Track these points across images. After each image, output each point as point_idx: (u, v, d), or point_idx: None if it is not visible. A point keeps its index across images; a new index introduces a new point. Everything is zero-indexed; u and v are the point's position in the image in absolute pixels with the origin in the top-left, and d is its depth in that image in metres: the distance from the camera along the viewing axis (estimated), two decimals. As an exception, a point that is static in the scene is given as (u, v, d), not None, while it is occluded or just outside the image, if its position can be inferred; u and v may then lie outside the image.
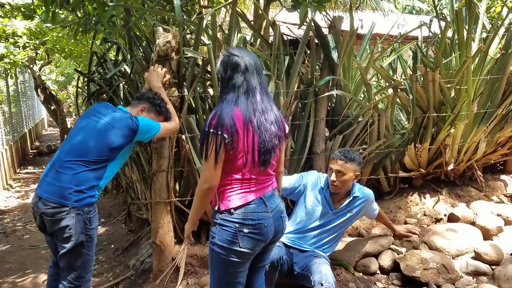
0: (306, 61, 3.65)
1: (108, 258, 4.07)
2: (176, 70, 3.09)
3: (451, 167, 3.75)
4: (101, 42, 4.13)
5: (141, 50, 3.44)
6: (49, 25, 6.74)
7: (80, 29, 4.40)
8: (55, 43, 7.34)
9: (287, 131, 2.15)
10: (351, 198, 2.90)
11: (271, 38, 3.60)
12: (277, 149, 2.06)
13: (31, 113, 13.17)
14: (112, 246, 4.36)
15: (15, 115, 9.98)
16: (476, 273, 3.06)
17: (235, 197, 1.97)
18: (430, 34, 4.28)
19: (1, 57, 7.75)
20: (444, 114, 3.61)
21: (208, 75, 3.32)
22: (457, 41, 3.75)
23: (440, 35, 3.63)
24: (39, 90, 10.08)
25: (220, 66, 2.03)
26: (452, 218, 3.64)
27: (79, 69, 8.05)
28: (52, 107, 10.00)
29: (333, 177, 2.82)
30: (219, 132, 1.86)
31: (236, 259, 1.98)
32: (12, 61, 7.28)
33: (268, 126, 1.97)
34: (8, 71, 8.97)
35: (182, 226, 3.48)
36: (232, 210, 1.95)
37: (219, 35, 3.15)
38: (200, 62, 3.29)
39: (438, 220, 3.70)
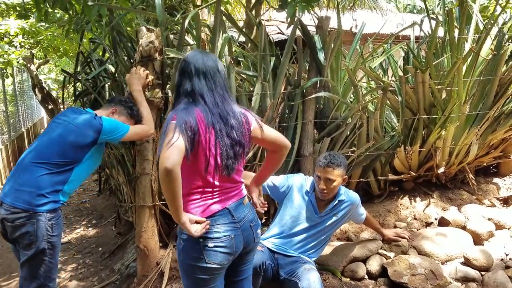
0: (293, 62, 3.60)
1: (94, 262, 4.02)
2: (160, 71, 3.03)
3: (442, 170, 3.68)
4: (88, 43, 4.08)
5: (125, 50, 3.38)
6: (43, 24, 6.70)
7: (72, 29, 4.37)
8: (50, 42, 7.30)
9: (252, 126, 1.97)
10: (336, 201, 2.84)
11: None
12: (241, 156, 1.94)
13: (29, 113, 13.15)
14: (100, 249, 4.31)
15: (12, 114, 9.96)
16: (465, 279, 2.99)
17: (197, 209, 1.85)
18: (423, 34, 4.21)
19: (-5, 57, 7.76)
20: (434, 116, 3.55)
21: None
22: (448, 42, 3.68)
23: (430, 35, 3.57)
24: (36, 90, 10.06)
25: (178, 69, 1.95)
26: (443, 222, 3.57)
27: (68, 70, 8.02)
28: (50, 107, 9.96)
29: (321, 185, 2.74)
30: (183, 125, 1.73)
31: (204, 276, 1.87)
32: (6, 60, 7.26)
33: (229, 131, 1.86)
34: (4, 71, 8.95)
35: (168, 230, 3.45)
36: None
37: (203, 35, 3.09)
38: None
39: (428, 224, 3.63)
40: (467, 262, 3.08)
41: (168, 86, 3.13)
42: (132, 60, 3.26)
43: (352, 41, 3.95)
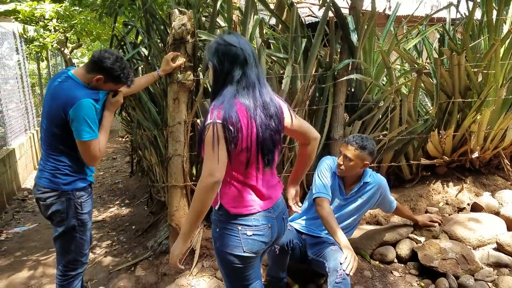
0: (325, 45, 3.56)
1: (128, 239, 4.15)
2: (192, 53, 3.06)
3: (476, 155, 3.60)
4: (122, 26, 4.15)
5: (158, 33, 3.42)
6: (77, 8, 6.83)
7: (105, 12, 4.44)
8: (83, 26, 7.45)
9: (285, 119, 1.92)
10: (362, 183, 2.83)
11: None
12: (278, 145, 1.89)
13: (63, 96, 13.46)
14: (133, 227, 4.43)
15: (46, 97, 10.23)
16: (497, 265, 2.96)
17: (238, 202, 1.83)
18: (458, 16, 4.08)
19: (31, 40, 7.96)
20: (470, 99, 3.46)
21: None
22: (486, 23, 3.56)
23: (467, 17, 3.46)
24: (70, 73, 10.28)
25: (214, 55, 1.78)
26: (476, 208, 3.51)
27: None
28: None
29: (340, 160, 2.77)
30: (225, 123, 1.67)
31: (240, 265, 1.86)
32: (41, 44, 7.46)
33: (268, 122, 1.78)
34: (39, 54, 9.20)
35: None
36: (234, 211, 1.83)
37: (234, 17, 3.10)
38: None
39: (460, 210, 3.58)
40: (499, 248, 3.04)
41: (199, 68, 3.16)
42: (164, 43, 3.30)
43: (384, 24, 3.88)
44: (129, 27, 3.93)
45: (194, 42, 3.01)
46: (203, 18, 3.10)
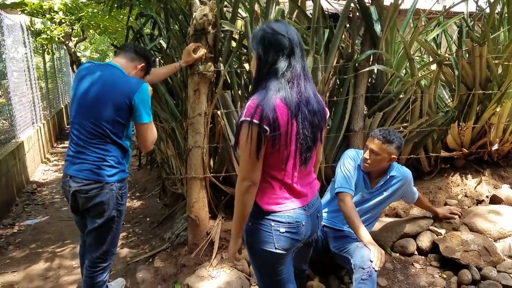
0: (346, 35, 3.53)
1: (144, 231, 4.14)
2: (213, 44, 3.03)
3: (495, 147, 3.59)
4: (136, 17, 4.11)
5: (178, 24, 3.39)
6: (84, 0, 6.79)
7: (115, 5, 4.40)
8: (90, 19, 7.40)
9: (327, 116, 1.90)
10: (388, 177, 2.80)
11: (310, 11, 3.47)
12: (319, 141, 1.85)
13: (67, 89, 13.45)
14: (148, 219, 4.43)
15: (51, 90, 10.22)
16: (519, 257, 2.96)
17: (274, 200, 1.78)
18: (477, 9, 4.05)
19: (39, 33, 7.92)
20: (490, 91, 3.45)
21: (244, 50, 3.26)
22: (506, 15, 3.53)
23: (487, 8, 3.43)
24: (74, 66, 10.26)
25: (259, 43, 1.70)
26: (495, 200, 3.51)
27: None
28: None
29: (366, 155, 2.72)
30: (261, 123, 1.61)
31: (271, 261, 1.84)
32: (49, 36, 7.42)
33: (311, 118, 1.73)
34: (45, 47, 9.15)
35: (217, 202, 3.50)
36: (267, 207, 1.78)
37: (256, 7, 3.07)
38: (237, 36, 3.22)
39: (479, 202, 3.58)
40: (521, 240, 3.04)
41: (220, 59, 3.14)
42: (185, 34, 3.27)
43: (402, 19, 3.85)
44: (145, 18, 3.89)
45: (216, 33, 2.99)
46: (224, 9, 3.06)
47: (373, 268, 2.37)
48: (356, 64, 3.31)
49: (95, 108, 2.33)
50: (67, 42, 9.66)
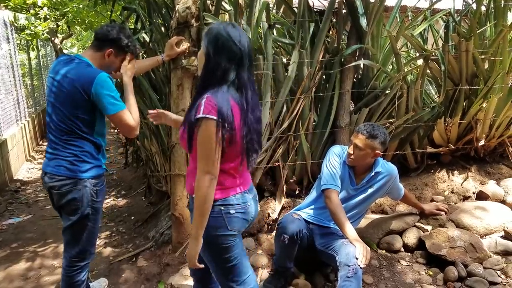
0: (332, 29, 3.49)
1: (128, 230, 4.07)
2: (196, 38, 2.97)
3: (482, 143, 3.57)
4: (121, 11, 4.03)
5: (160, 17, 3.32)
6: (69, -4, 6.69)
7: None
8: (75, 15, 7.29)
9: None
10: (373, 173, 2.77)
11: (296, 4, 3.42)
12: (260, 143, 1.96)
13: (53, 87, 13.23)
14: (132, 217, 4.35)
15: (37, 88, 10.05)
16: (505, 253, 2.94)
17: (222, 192, 1.84)
18: (463, 5, 4.03)
19: (22, 29, 7.78)
20: (476, 87, 3.43)
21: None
22: (493, 10, 3.52)
23: (474, 3, 3.41)
24: (60, 63, 10.09)
25: (211, 42, 1.72)
26: (481, 196, 3.49)
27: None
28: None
29: (350, 149, 2.70)
30: (222, 121, 1.67)
31: (226, 244, 1.88)
32: (33, 32, 7.29)
33: (256, 126, 1.83)
34: (29, 43, 9.00)
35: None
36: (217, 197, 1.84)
37: (240, 0, 3.01)
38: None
39: (466, 198, 3.56)
40: (507, 236, 3.02)
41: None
42: (168, 27, 3.21)
43: (388, 14, 3.82)
44: (128, 12, 3.81)
45: (199, 26, 2.93)
46: (208, 1, 3.00)
47: (359, 265, 2.35)
48: (342, 59, 3.26)
49: (59, 105, 2.27)
50: (53, 38, 9.52)
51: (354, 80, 3.43)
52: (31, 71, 9.51)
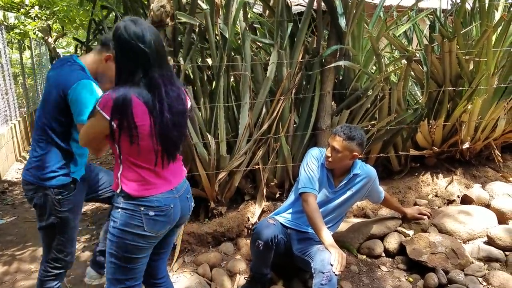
0: (312, 29, 3.42)
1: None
2: (172, 38, 2.91)
3: (466, 145, 3.50)
4: (99, 9, 3.96)
5: (136, 15, 3.25)
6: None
7: (85, -3, 4.27)
8: (65, 13, 7.21)
9: (188, 107, 1.93)
10: (351, 175, 2.71)
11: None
12: (184, 137, 1.93)
13: (48, 86, 13.17)
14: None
15: (30, 87, 9.98)
16: (488, 259, 2.87)
17: (138, 186, 1.80)
18: (450, 4, 3.96)
19: (12, 28, 7.72)
20: (461, 88, 3.36)
21: (206, 43, 3.13)
22: (478, 9, 3.44)
23: (459, 2, 3.34)
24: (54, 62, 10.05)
25: (115, 42, 1.68)
26: (466, 200, 3.42)
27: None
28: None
29: (328, 152, 2.64)
30: (110, 118, 1.66)
31: (139, 244, 1.83)
32: (22, 31, 7.23)
33: (176, 120, 1.78)
34: (22, 43, 8.94)
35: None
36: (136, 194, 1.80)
37: (217, -1, 2.95)
38: (197, 29, 3.09)
39: (450, 202, 3.49)
40: (490, 241, 2.96)
41: (180, 54, 3.01)
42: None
43: (372, 13, 3.75)
44: (107, 10, 3.74)
45: (174, 25, 2.86)
46: (184, 0, 2.93)
47: (334, 272, 2.28)
48: (323, 60, 3.19)
49: (42, 105, 2.20)
50: (46, 37, 9.45)
51: (336, 81, 3.36)
52: (23, 70, 9.44)
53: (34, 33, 8.08)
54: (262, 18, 3.40)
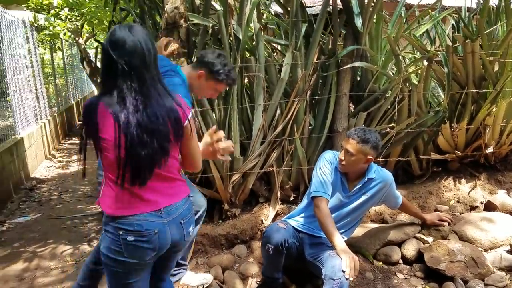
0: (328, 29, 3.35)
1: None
2: (186, 39, 2.90)
3: (491, 149, 3.35)
4: (119, 12, 4.01)
5: (151, 17, 3.27)
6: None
7: (109, -1, 4.32)
8: (93, 14, 7.34)
9: (185, 124, 1.65)
10: (366, 179, 2.63)
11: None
12: (160, 164, 1.62)
13: (79, 86, 13.52)
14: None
15: (62, 87, 10.25)
16: (510, 269, 2.76)
17: (113, 205, 1.64)
18: (476, 2, 3.81)
19: (42, 29, 7.93)
20: (485, 90, 3.22)
21: (220, 44, 3.12)
22: (504, 8, 3.29)
23: (483, 1, 3.20)
24: (85, 63, 10.27)
25: (102, 50, 1.61)
26: (489, 206, 3.28)
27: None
28: (98, 80, 10.17)
29: (341, 155, 2.57)
30: (84, 124, 1.60)
31: (123, 271, 1.68)
32: (51, 32, 7.41)
33: (146, 139, 1.55)
34: (53, 44, 9.18)
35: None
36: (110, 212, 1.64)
37: (230, 0, 2.92)
38: (211, 30, 3.07)
39: (473, 208, 3.36)
40: (514, 250, 2.82)
41: (194, 54, 3.01)
42: (158, 28, 3.16)
43: (393, 12, 3.64)
44: (126, 12, 3.78)
45: (188, 26, 2.86)
46: (197, 1, 2.93)
47: (346, 278, 2.22)
48: (339, 61, 3.12)
49: None
50: (77, 38, 9.67)
51: (353, 82, 3.28)
52: (54, 71, 9.70)
53: (64, 34, 8.27)
54: (277, 19, 3.35)
